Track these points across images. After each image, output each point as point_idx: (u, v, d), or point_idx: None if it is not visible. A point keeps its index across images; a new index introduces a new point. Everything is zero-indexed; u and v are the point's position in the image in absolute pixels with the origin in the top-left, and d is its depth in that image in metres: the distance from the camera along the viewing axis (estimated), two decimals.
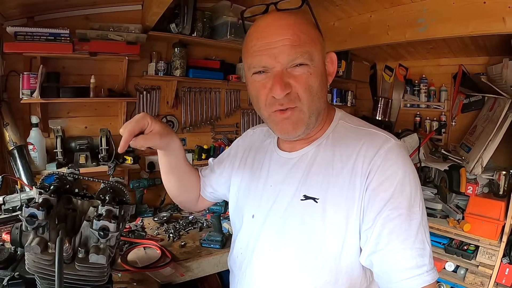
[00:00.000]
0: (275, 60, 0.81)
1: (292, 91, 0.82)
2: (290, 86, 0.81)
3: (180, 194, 1.22)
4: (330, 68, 0.92)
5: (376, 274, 0.81)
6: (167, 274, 1.74)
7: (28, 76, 2.00)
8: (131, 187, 2.48)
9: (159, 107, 2.75)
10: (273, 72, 0.82)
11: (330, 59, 0.91)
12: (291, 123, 0.86)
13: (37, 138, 2.12)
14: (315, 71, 0.84)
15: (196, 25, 2.52)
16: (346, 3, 2.49)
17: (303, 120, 0.86)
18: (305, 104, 0.84)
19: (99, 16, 2.33)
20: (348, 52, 3.43)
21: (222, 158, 1.21)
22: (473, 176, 2.29)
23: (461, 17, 1.96)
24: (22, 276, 1.06)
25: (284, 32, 0.81)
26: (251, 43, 0.85)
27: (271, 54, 0.81)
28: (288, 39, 0.80)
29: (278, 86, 0.80)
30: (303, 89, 0.82)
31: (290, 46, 0.80)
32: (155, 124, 0.91)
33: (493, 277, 2.05)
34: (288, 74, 0.82)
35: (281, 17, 0.84)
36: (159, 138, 0.93)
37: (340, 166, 0.86)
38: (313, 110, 0.86)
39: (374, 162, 0.81)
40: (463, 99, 3.02)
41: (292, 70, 0.82)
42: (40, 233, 0.87)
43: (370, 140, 0.85)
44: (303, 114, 0.85)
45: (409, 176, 0.81)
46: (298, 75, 0.82)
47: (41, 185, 1.03)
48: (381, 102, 3.62)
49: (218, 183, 1.20)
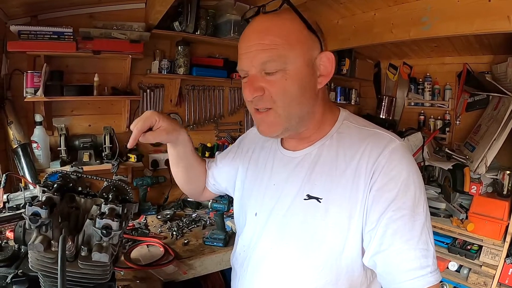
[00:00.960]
0: (251, 63, 0.84)
1: (265, 94, 0.84)
2: (263, 89, 0.84)
3: (187, 184, 1.27)
4: (324, 69, 0.87)
5: (380, 274, 0.82)
6: (170, 272, 1.74)
7: (32, 74, 2.01)
8: (135, 185, 2.48)
9: (163, 105, 2.75)
10: (249, 75, 0.86)
11: (326, 59, 0.87)
12: (266, 124, 0.89)
13: (41, 136, 2.13)
14: (292, 76, 0.83)
15: (199, 23, 2.52)
16: (350, 1, 2.47)
17: (279, 122, 0.87)
18: (280, 107, 0.85)
19: (103, 15, 2.33)
20: (352, 50, 3.43)
21: (226, 153, 1.25)
22: (477, 176, 2.28)
23: (466, 15, 1.94)
24: (25, 274, 1.07)
25: (260, 36, 0.83)
26: (239, 47, 0.88)
27: (248, 58, 0.85)
28: (261, 43, 0.82)
29: (247, 89, 0.85)
30: (276, 93, 0.84)
31: (262, 50, 0.82)
32: (163, 121, 0.99)
33: (496, 277, 2.04)
34: (262, 78, 0.84)
35: (261, 21, 0.86)
36: (165, 134, 1.00)
37: (344, 166, 0.86)
38: (291, 114, 0.86)
39: (378, 163, 0.81)
40: (468, 98, 3.01)
41: (267, 76, 0.83)
42: (43, 231, 0.87)
43: (374, 140, 0.85)
44: (279, 117, 0.87)
45: (413, 176, 0.81)
46: (272, 80, 0.83)
47: (45, 184, 1.04)
48: (385, 101, 3.61)
49: (220, 177, 1.23)
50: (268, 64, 0.82)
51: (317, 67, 0.87)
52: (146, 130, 0.96)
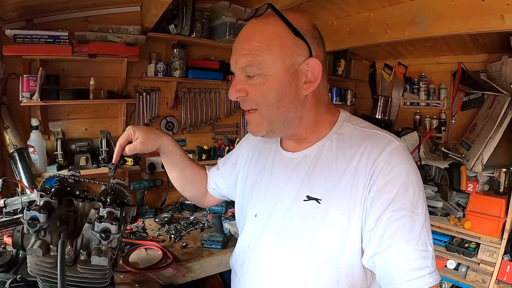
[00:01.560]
0: (235, 66, 0.89)
1: (248, 96, 0.88)
2: (246, 91, 0.87)
3: (184, 188, 1.31)
4: (310, 75, 0.85)
5: (379, 275, 0.82)
6: (168, 275, 1.74)
7: (27, 78, 2.00)
8: (132, 189, 2.48)
9: (159, 108, 2.74)
10: (235, 77, 0.90)
11: (310, 66, 0.85)
12: (253, 124, 0.93)
13: (37, 141, 2.12)
14: (271, 81, 0.84)
15: (195, 25, 2.52)
16: (345, 2, 2.48)
17: (262, 124, 0.90)
18: (262, 111, 0.88)
19: (98, 18, 2.33)
20: (347, 51, 3.43)
21: (227, 158, 1.27)
22: (473, 174, 2.29)
23: (460, 15, 1.95)
24: (24, 279, 1.06)
25: (244, 41, 0.86)
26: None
27: (233, 61, 0.89)
28: (243, 48, 0.85)
29: (231, 90, 0.90)
30: (256, 96, 0.87)
31: (243, 55, 0.85)
32: (138, 133, 1.08)
33: (495, 274, 2.06)
34: (245, 81, 0.87)
35: (249, 25, 0.88)
36: (140, 144, 1.07)
37: (343, 167, 0.86)
38: (272, 118, 0.88)
39: (377, 164, 0.82)
40: (463, 96, 3.02)
41: (248, 79, 0.87)
42: (42, 235, 0.87)
43: (373, 141, 0.85)
44: (262, 118, 0.89)
45: (412, 177, 0.81)
46: (253, 84, 0.87)
47: (42, 188, 1.04)
48: (381, 101, 3.61)
49: (221, 181, 1.26)
50: (247, 68, 0.85)
51: (302, 72, 0.85)
52: (126, 144, 1.06)
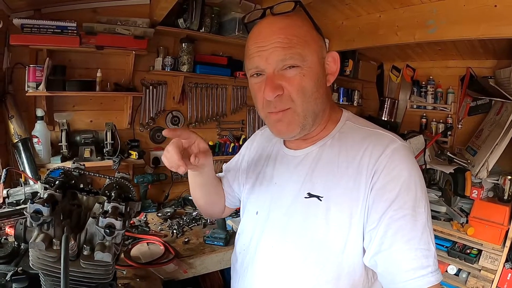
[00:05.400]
0: (266, 62, 0.84)
1: (284, 93, 0.84)
2: (282, 88, 0.84)
3: (207, 207, 1.25)
4: (331, 68, 0.91)
5: (380, 274, 0.81)
6: (170, 271, 1.74)
7: (34, 68, 2.00)
8: (136, 182, 2.47)
9: (165, 103, 2.74)
10: (265, 75, 0.85)
11: (332, 58, 0.91)
12: (285, 124, 0.88)
13: (42, 131, 2.12)
14: (309, 72, 0.84)
15: (204, 20, 2.51)
16: (356, 2, 2.47)
17: (297, 121, 0.87)
18: (298, 106, 0.85)
19: (107, 10, 2.31)
20: (355, 51, 3.41)
21: (231, 164, 1.25)
22: (478, 180, 2.27)
23: (472, 20, 1.93)
24: (25, 272, 1.05)
25: (275, 36, 0.83)
26: (248, 47, 0.88)
27: (263, 56, 0.84)
28: (278, 41, 0.82)
29: (268, 88, 0.83)
30: (296, 91, 0.84)
31: (280, 48, 0.82)
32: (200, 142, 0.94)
33: (495, 281, 2.05)
34: (280, 76, 0.84)
35: (274, 21, 0.86)
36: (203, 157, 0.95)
37: (345, 166, 0.86)
38: (308, 111, 0.87)
39: (379, 162, 0.82)
40: (470, 102, 2.99)
41: (284, 72, 0.84)
42: (45, 229, 0.86)
43: (376, 140, 0.86)
44: (297, 116, 0.87)
45: (414, 176, 0.81)
46: (291, 77, 0.84)
47: (46, 180, 1.03)
48: (388, 103, 3.60)
49: (232, 192, 1.22)
50: (286, 61, 0.83)
51: (327, 65, 0.90)
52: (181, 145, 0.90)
